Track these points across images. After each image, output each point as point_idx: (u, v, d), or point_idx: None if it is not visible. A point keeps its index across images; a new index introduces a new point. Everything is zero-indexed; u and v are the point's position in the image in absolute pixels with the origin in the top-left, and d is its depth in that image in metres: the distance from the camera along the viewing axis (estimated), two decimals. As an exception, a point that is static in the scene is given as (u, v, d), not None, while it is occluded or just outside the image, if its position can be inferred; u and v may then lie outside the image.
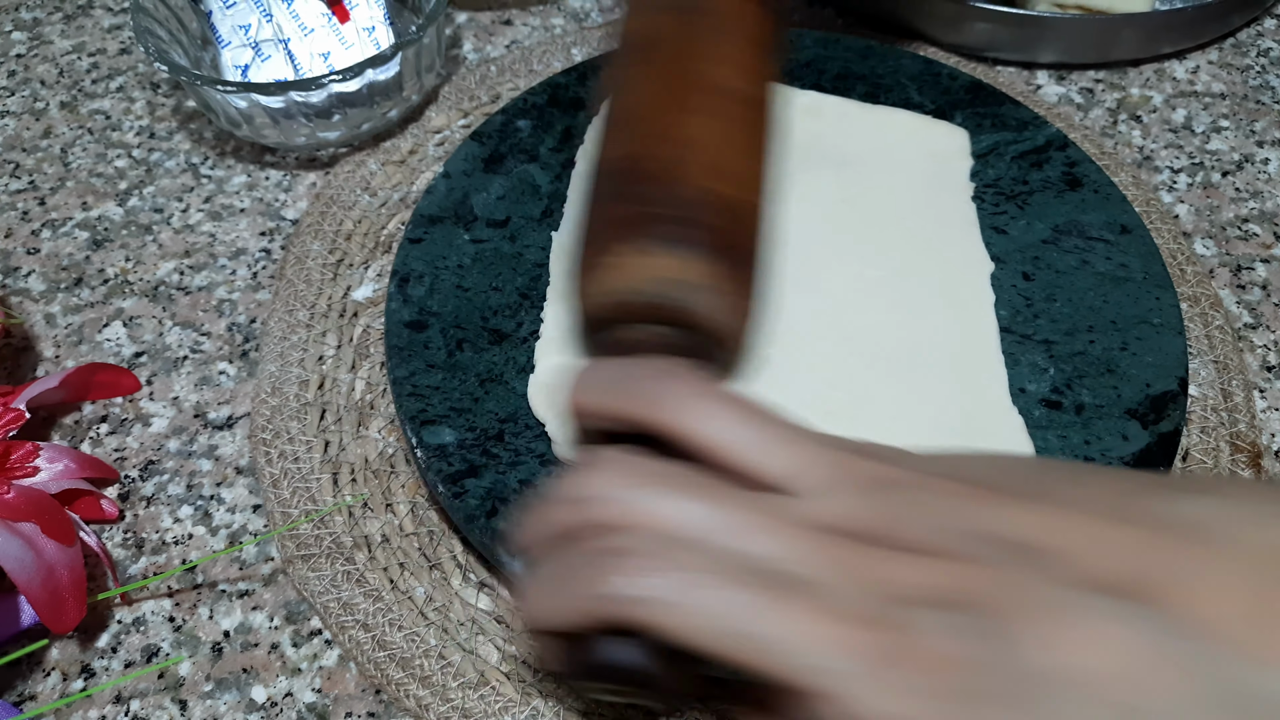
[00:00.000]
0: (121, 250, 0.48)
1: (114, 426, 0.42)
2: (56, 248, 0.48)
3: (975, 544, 0.21)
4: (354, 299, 0.45)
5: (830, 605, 0.21)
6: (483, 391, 0.37)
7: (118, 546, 0.39)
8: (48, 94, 0.56)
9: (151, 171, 0.52)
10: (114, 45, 0.58)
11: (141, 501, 0.40)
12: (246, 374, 0.44)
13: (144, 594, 0.37)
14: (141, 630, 0.37)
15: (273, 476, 0.40)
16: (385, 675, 0.35)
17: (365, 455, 0.40)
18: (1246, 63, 0.56)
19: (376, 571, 0.37)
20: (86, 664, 0.36)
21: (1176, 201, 0.50)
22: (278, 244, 0.48)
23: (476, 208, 0.43)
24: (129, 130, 0.54)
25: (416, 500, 0.39)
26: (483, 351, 0.38)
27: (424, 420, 0.36)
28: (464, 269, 0.41)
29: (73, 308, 0.46)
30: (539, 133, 0.46)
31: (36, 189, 0.51)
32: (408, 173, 0.50)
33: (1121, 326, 0.39)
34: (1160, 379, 0.37)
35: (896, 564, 0.21)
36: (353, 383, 0.43)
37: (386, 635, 0.36)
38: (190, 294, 0.46)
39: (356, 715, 0.35)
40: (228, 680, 0.35)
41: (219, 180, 0.51)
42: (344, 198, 0.49)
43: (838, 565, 0.21)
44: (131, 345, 0.45)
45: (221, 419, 0.42)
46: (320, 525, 0.38)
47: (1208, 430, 0.41)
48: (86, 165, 0.52)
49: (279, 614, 0.37)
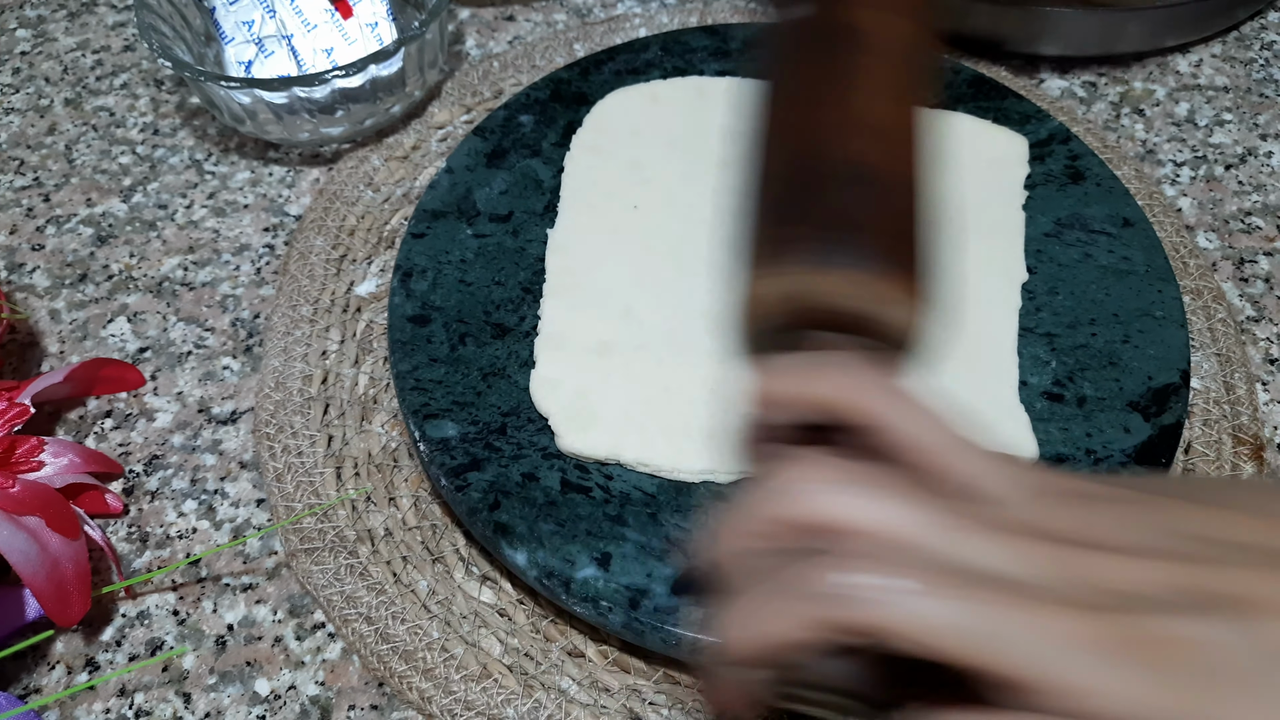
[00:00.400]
0: (126, 246, 0.48)
1: (118, 421, 0.42)
2: (61, 244, 0.49)
3: (1185, 543, 0.22)
4: (357, 294, 0.45)
5: (1057, 600, 0.21)
6: (485, 385, 0.37)
7: (122, 541, 0.39)
8: (52, 91, 0.56)
9: (155, 168, 0.52)
10: (118, 43, 0.58)
11: (146, 496, 0.40)
12: (250, 369, 0.44)
13: (148, 588, 0.38)
14: (145, 624, 0.37)
15: (276, 471, 0.40)
16: (388, 668, 0.35)
17: (368, 449, 0.40)
18: (1250, 56, 0.56)
19: (379, 565, 0.37)
20: (91, 657, 0.36)
21: (1179, 195, 0.49)
22: (281, 239, 0.48)
23: (479, 202, 0.43)
24: (133, 127, 0.54)
25: (419, 494, 0.39)
26: (485, 346, 0.38)
27: (427, 414, 0.36)
28: (467, 263, 0.41)
29: (77, 303, 0.46)
30: (541, 127, 0.46)
31: (41, 185, 0.51)
32: (411, 168, 0.50)
33: (1124, 319, 0.39)
34: (1162, 371, 0.37)
35: (1110, 562, 0.21)
36: (356, 377, 0.43)
37: (389, 628, 0.36)
38: (194, 289, 0.47)
39: (359, 708, 0.35)
40: (231, 673, 0.36)
41: (223, 176, 0.51)
42: (347, 193, 0.49)
43: (1053, 564, 0.21)
44: (136, 341, 0.45)
45: (225, 414, 0.42)
46: (323, 519, 0.39)
47: (1210, 423, 0.41)
48: (91, 162, 0.52)
49: (282, 607, 0.37)
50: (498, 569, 0.37)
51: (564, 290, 0.41)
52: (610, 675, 0.35)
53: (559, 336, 0.39)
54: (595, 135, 0.46)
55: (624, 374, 0.38)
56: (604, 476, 0.35)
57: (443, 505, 0.39)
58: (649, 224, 0.43)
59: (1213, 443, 0.40)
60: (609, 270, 0.41)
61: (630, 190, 0.44)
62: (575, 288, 0.41)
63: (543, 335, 0.39)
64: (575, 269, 0.41)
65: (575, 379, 0.38)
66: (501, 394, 0.37)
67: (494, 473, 0.35)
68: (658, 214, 0.43)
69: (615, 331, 0.39)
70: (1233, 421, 0.41)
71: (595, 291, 0.41)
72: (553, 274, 0.41)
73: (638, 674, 0.35)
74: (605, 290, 0.41)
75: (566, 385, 0.38)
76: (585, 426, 0.36)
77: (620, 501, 0.34)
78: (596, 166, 0.45)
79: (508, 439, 0.36)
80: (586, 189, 0.44)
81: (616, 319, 0.40)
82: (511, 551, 0.33)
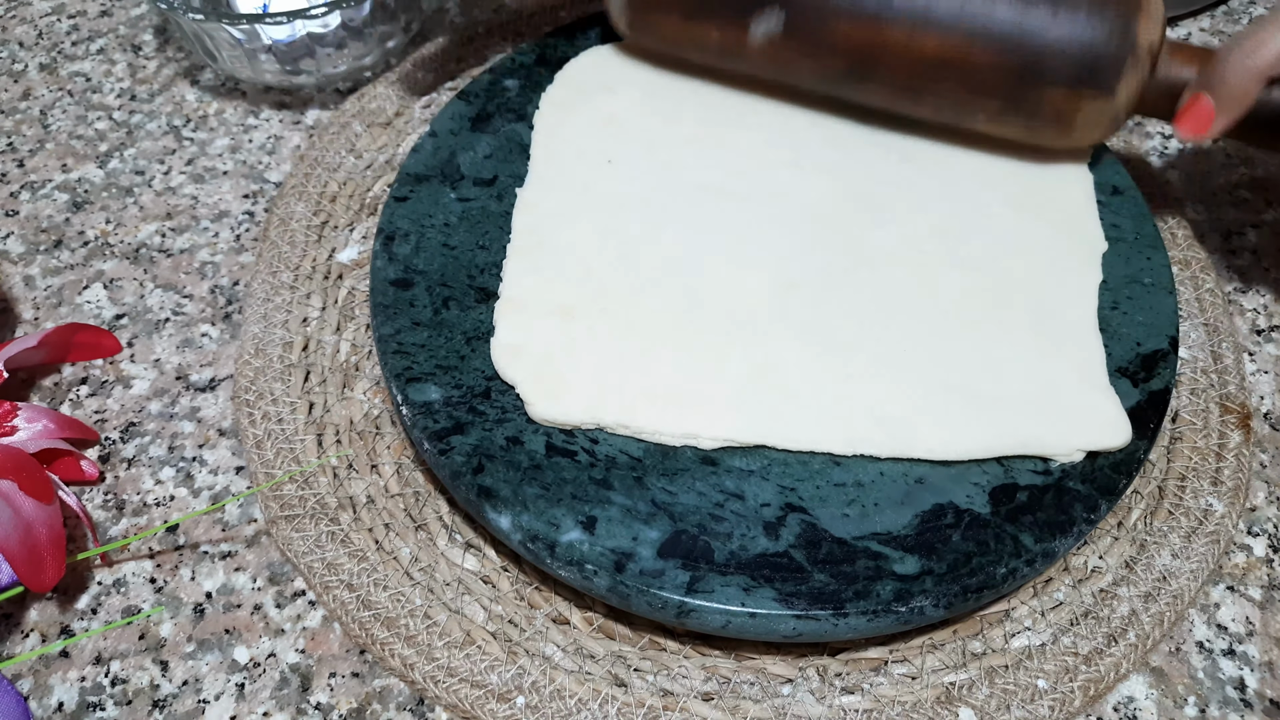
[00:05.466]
0: (102, 212, 0.47)
1: (94, 388, 0.41)
2: (35, 210, 0.48)
3: None
4: (339, 261, 0.45)
5: None
6: (469, 349, 0.37)
7: (98, 508, 0.38)
8: (26, 56, 0.55)
9: (133, 134, 0.51)
10: (94, 8, 0.57)
11: (122, 463, 0.39)
12: (229, 336, 0.43)
13: (125, 555, 0.37)
14: (122, 591, 0.36)
15: (256, 438, 0.39)
16: (370, 635, 0.34)
17: (350, 417, 0.40)
18: (1238, 29, 0.56)
19: (361, 532, 0.37)
20: (66, 625, 0.35)
21: (1168, 166, 0.49)
22: (261, 206, 0.47)
23: (463, 166, 0.42)
24: (110, 93, 0.53)
25: (402, 461, 0.39)
26: (469, 310, 0.38)
27: (409, 378, 0.36)
28: (450, 227, 0.40)
29: (52, 270, 0.45)
30: (527, 92, 0.45)
31: (15, 151, 0.50)
32: (393, 135, 0.49)
33: (1113, 286, 0.39)
34: (1151, 337, 0.37)
35: None
36: (338, 344, 0.42)
37: (371, 595, 0.35)
38: (172, 256, 0.46)
39: (340, 675, 0.34)
40: (210, 641, 0.35)
41: (201, 143, 0.50)
42: (328, 159, 0.48)
43: None
44: (112, 307, 0.44)
45: (204, 381, 0.42)
46: (304, 486, 0.38)
47: (1197, 392, 0.40)
48: (66, 127, 0.51)
49: (262, 575, 0.36)
50: (481, 536, 0.37)
51: (527, 250, 0.39)
52: (595, 642, 0.34)
53: (519, 300, 0.38)
54: (566, 91, 0.45)
55: (589, 338, 0.37)
56: (589, 440, 0.34)
57: (426, 472, 0.38)
58: (621, 179, 0.42)
59: (1200, 411, 0.40)
60: (575, 229, 0.40)
61: (604, 145, 0.43)
62: (538, 247, 0.39)
63: (503, 298, 0.38)
64: (541, 228, 0.40)
65: (540, 344, 0.36)
66: (485, 358, 0.36)
67: (478, 436, 0.34)
68: (632, 168, 0.42)
69: (575, 294, 0.38)
70: (1220, 390, 0.41)
71: (558, 251, 0.39)
72: (518, 233, 0.40)
73: (623, 640, 0.35)
74: (568, 250, 0.39)
75: (531, 351, 0.36)
76: (555, 394, 0.35)
77: (606, 465, 0.34)
78: (567, 123, 0.44)
79: (491, 403, 0.35)
80: (558, 146, 0.43)
81: (577, 280, 0.38)
82: (495, 515, 0.33)
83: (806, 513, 0.33)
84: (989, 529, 0.33)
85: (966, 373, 0.36)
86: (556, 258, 0.39)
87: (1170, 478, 0.38)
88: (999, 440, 0.34)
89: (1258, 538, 0.37)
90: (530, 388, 0.35)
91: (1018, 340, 0.37)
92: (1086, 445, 0.34)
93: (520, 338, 0.37)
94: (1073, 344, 0.37)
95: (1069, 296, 0.38)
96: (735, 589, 0.31)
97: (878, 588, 0.31)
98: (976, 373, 0.36)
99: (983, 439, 0.34)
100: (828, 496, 0.33)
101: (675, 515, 0.33)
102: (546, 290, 0.38)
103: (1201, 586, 0.36)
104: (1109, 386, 0.36)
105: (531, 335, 0.37)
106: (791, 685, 0.34)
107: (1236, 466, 0.38)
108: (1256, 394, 0.41)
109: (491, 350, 0.36)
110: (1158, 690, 0.34)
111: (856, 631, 0.31)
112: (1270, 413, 0.41)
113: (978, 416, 0.35)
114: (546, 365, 0.36)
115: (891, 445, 0.34)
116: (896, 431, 0.35)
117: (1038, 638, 0.34)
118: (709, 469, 0.34)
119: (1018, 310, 0.38)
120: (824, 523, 0.33)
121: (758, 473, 0.34)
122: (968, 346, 0.37)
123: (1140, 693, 0.34)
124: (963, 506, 0.33)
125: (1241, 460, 0.39)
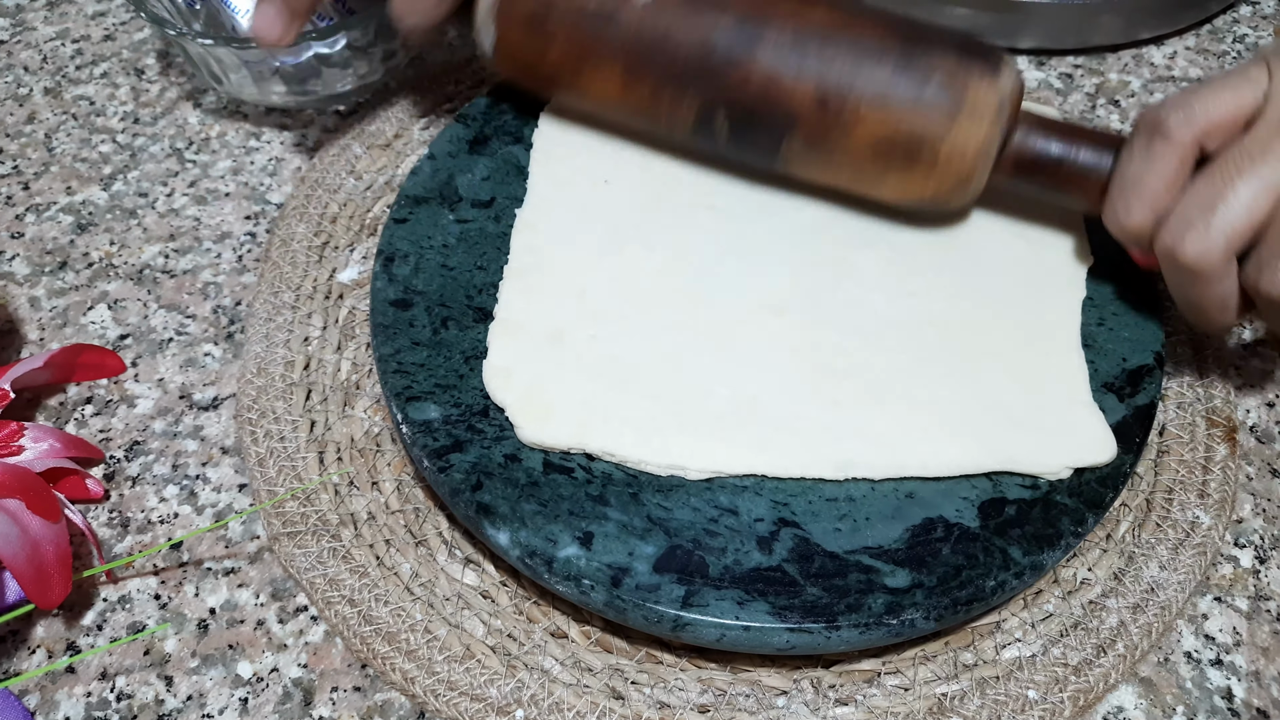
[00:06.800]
0: (106, 234, 0.48)
1: (99, 408, 0.42)
2: (41, 232, 0.48)
3: None
4: (339, 281, 0.45)
5: None
6: (468, 369, 0.37)
7: (103, 526, 0.39)
8: (31, 80, 0.55)
9: (136, 156, 0.52)
10: (98, 32, 0.58)
11: (127, 481, 0.40)
12: (232, 355, 0.44)
13: (129, 572, 0.37)
14: (127, 608, 0.37)
15: (258, 456, 0.40)
16: (371, 650, 0.35)
17: (351, 434, 0.41)
18: (1223, 49, 0.57)
19: (362, 548, 0.37)
20: (72, 641, 0.36)
21: (1154, 184, 0.50)
22: (263, 228, 0.48)
23: (461, 188, 0.43)
24: (113, 116, 0.54)
25: (402, 478, 0.39)
26: (468, 329, 0.38)
27: (409, 396, 0.36)
28: (449, 248, 0.41)
29: (57, 291, 0.46)
30: (524, 114, 0.46)
31: (20, 174, 0.51)
32: (393, 156, 0.50)
33: (1099, 302, 0.40)
34: (1137, 353, 0.38)
35: None
36: (338, 363, 0.43)
37: (372, 610, 0.36)
38: (175, 277, 0.46)
39: (342, 689, 0.35)
40: (213, 656, 0.36)
41: (204, 165, 0.51)
42: (329, 181, 0.49)
43: None
44: (116, 328, 0.45)
45: (207, 400, 0.42)
46: (306, 503, 0.39)
47: (1184, 406, 0.41)
48: (71, 150, 0.52)
49: (265, 591, 0.37)
50: (480, 551, 0.38)
51: (523, 272, 0.40)
52: (593, 655, 0.35)
53: (514, 322, 0.38)
54: (562, 113, 0.45)
55: (577, 364, 0.37)
56: (586, 457, 0.35)
57: (425, 489, 0.39)
58: (618, 198, 0.42)
59: (1187, 425, 0.41)
60: (571, 250, 0.41)
61: (600, 165, 0.44)
62: (534, 269, 0.40)
63: (498, 320, 0.38)
64: (538, 248, 0.41)
65: (529, 368, 0.37)
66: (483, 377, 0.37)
67: (476, 454, 0.35)
68: (629, 189, 0.43)
69: (567, 317, 0.38)
70: (1206, 405, 0.41)
71: (554, 273, 0.40)
72: (515, 254, 0.40)
73: (620, 654, 0.35)
74: (563, 272, 0.40)
75: (521, 374, 0.36)
76: (542, 417, 0.35)
77: (602, 482, 0.34)
78: (564, 142, 0.45)
79: (490, 421, 0.36)
80: (555, 165, 0.44)
81: (569, 304, 0.39)
82: (494, 531, 0.33)
83: (799, 527, 0.34)
84: (978, 542, 0.33)
85: (953, 392, 0.37)
86: (551, 279, 0.40)
87: (1158, 490, 0.39)
88: (987, 458, 0.35)
89: (1244, 549, 0.38)
90: (519, 411, 0.36)
91: (1003, 358, 0.38)
92: (1072, 462, 0.35)
93: (511, 360, 0.37)
94: (1058, 361, 0.37)
95: (1054, 314, 0.39)
96: (730, 603, 0.32)
97: (869, 601, 0.32)
98: (963, 392, 0.37)
99: (970, 459, 0.35)
100: (820, 511, 0.34)
101: (670, 530, 0.33)
102: (539, 313, 0.38)
103: (1189, 598, 0.36)
104: (1093, 403, 0.36)
105: (522, 358, 0.37)
106: (786, 697, 0.34)
107: (1223, 479, 0.39)
108: (1242, 408, 0.42)
109: (484, 372, 0.37)
110: (1146, 700, 0.35)
111: (849, 644, 0.32)
112: (1256, 426, 0.41)
113: (965, 436, 0.35)
114: (536, 389, 0.36)
115: (881, 468, 0.35)
116: (885, 455, 0.35)
117: (1028, 649, 0.35)
118: (703, 485, 0.35)
119: (1004, 328, 0.38)
120: (816, 537, 0.33)
121: (751, 488, 0.35)
122: (954, 365, 0.37)
123: (1129, 703, 0.35)
124: (952, 520, 0.34)
125: (1228, 473, 0.39)
